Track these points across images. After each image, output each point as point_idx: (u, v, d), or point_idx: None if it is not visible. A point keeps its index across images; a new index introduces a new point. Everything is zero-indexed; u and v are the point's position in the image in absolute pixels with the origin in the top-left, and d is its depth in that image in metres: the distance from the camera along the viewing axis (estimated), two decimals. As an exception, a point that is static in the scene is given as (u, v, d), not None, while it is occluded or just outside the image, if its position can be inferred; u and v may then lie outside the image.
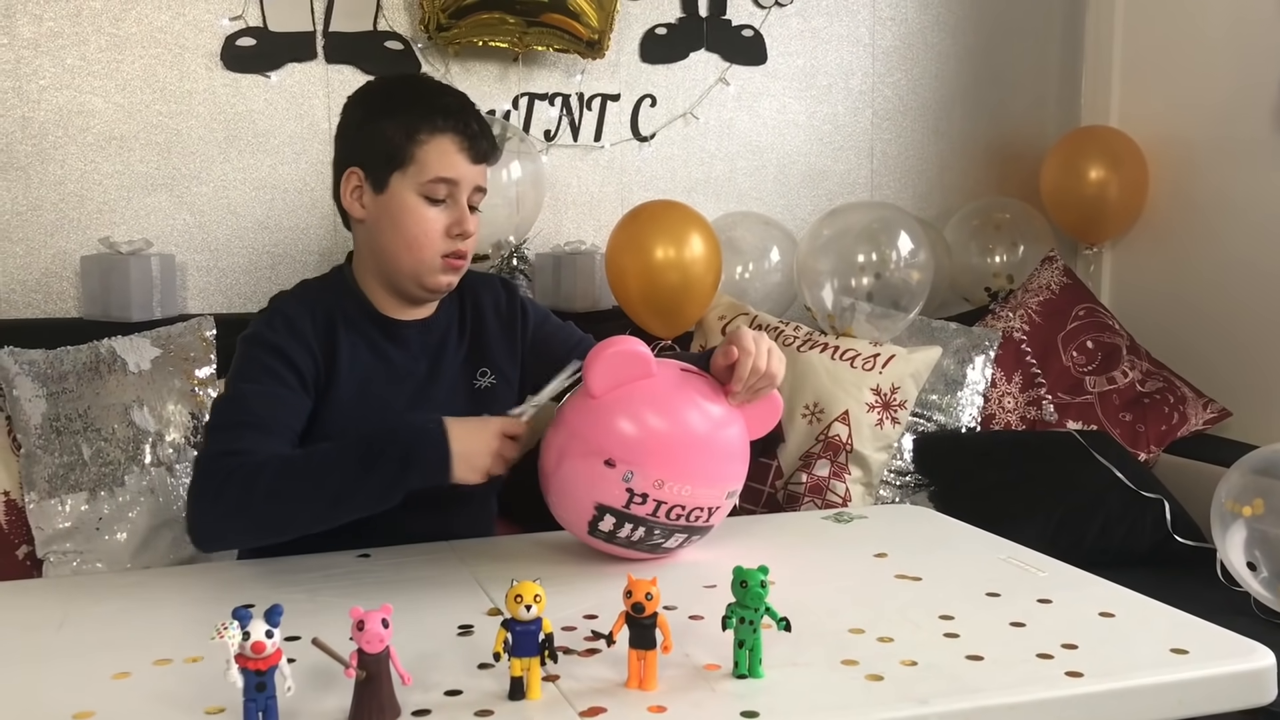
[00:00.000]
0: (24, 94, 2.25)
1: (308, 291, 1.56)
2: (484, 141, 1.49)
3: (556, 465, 1.30)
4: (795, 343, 2.35)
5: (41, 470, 1.87)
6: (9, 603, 1.28)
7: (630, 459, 1.24)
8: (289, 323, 1.47)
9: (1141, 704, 1.02)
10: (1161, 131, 2.86)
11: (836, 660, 1.04)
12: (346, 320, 1.51)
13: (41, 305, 2.29)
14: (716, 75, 2.79)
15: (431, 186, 1.46)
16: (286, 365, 1.43)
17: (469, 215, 1.48)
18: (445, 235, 1.47)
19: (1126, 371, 2.62)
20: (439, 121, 1.46)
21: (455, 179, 1.46)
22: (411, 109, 1.47)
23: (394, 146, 1.46)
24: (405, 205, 1.47)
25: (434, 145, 1.46)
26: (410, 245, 1.47)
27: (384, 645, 0.90)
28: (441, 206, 1.47)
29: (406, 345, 1.54)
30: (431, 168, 1.46)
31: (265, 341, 1.44)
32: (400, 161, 1.46)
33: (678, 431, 1.28)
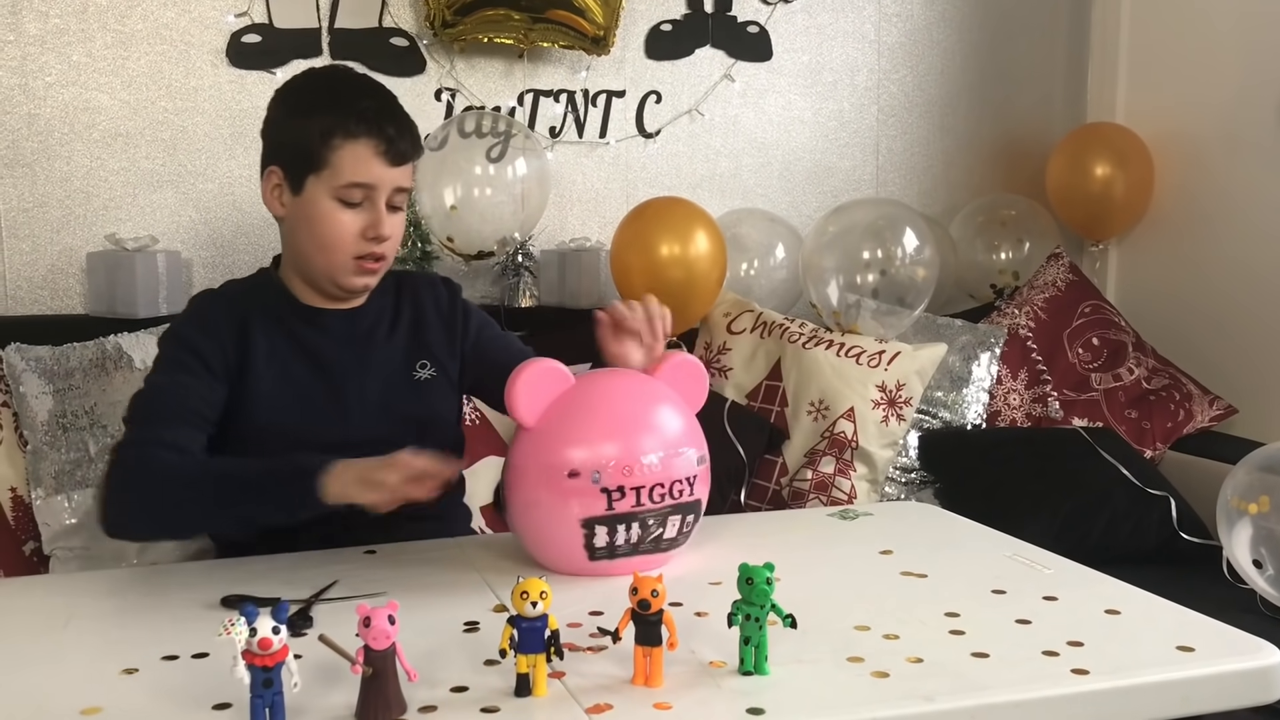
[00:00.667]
0: (30, 91, 2.26)
1: (227, 288, 1.58)
2: (402, 143, 1.46)
3: (527, 508, 1.29)
4: (801, 339, 2.35)
5: (48, 466, 1.88)
6: (16, 599, 1.28)
7: (590, 460, 1.24)
8: (200, 316, 1.51)
9: (1147, 701, 1.02)
10: (1167, 128, 2.86)
11: (842, 657, 1.04)
12: (265, 312, 1.52)
13: (48, 302, 2.29)
14: (722, 71, 2.78)
15: (346, 191, 1.45)
16: (195, 356, 1.45)
17: (385, 218, 1.47)
18: (360, 238, 1.47)
19: (1132, 368, 2.62)
20: (353, 127, 1.43)
21: (370, 184, 1.45)
22: (328, 112, 1.45)
23: (310, 150, 1.45)
24: (319, 208, 1.46)
25: (349, 150, 1.43)
26: (323, 247, 1.47)
27: (390, 642, 0.91)
28: (357, 209, 1.46)
29: (329, 333, 1.54)
30: (345, 173, 1.44)
31: (177, 336, 1.49)
32: (315, 165, 1.45)
33: (616, 412, 1.29)
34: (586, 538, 1.25)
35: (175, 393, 1.43)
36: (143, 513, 1.37)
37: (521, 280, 2.53)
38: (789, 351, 2.34)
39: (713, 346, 2.43)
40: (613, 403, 1.30)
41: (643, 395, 1.33)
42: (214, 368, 1.46)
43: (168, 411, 1.42)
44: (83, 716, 0.93)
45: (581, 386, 1.31)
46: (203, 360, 1.45)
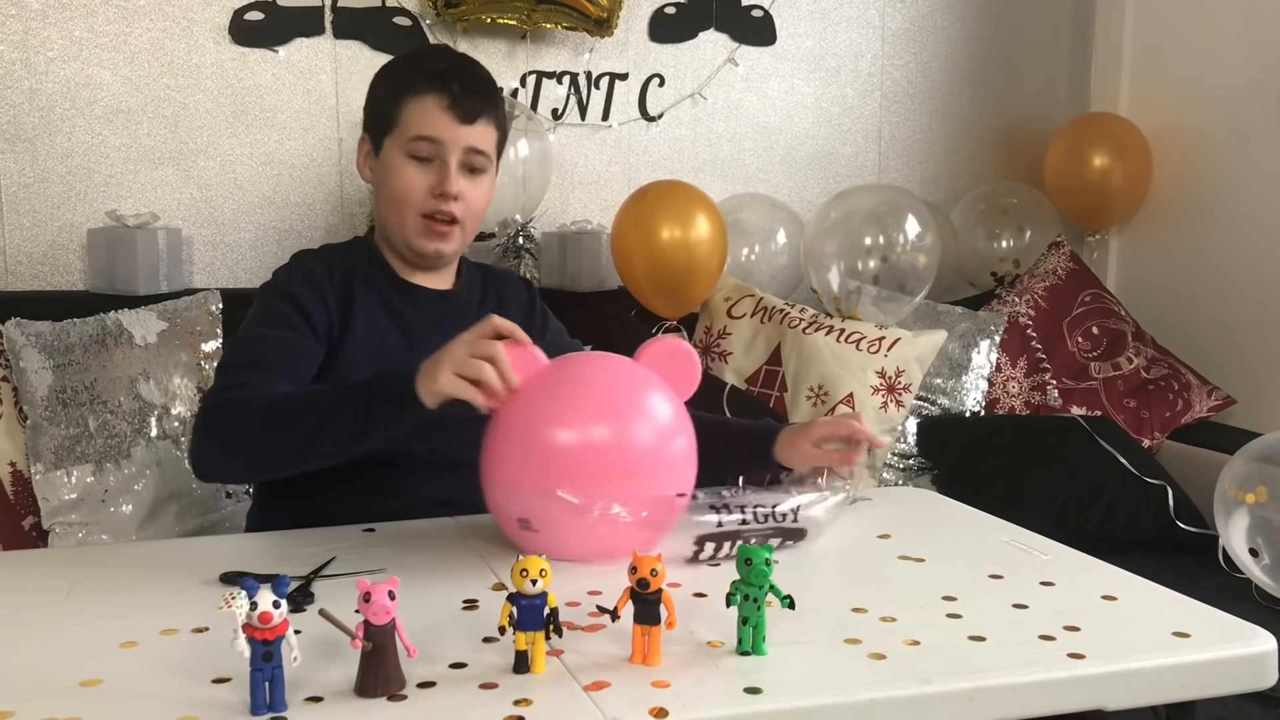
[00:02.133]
0: (31, 66, 2.25)
1: (329, 249, 1.61)
2: (468, 100, 1.49)
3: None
4: (801, 325, 2.35)
5: (48, 442, 1.88)
6: (16, 573, 1.28)
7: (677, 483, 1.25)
8: (306, 274, 1.52)
9: (1143, 686, 1.02)
10: (1170, 118, 2.85)
11: (839, 639, 1.04)
12: (365, 279, 1.55)
13: (48, 277, 2.29)
14: (725, 55, 2.78)
15: (414, 145, 1.49)
16: (299, 313, 1.46)
17: (453, 175, 1.49)
18: (427, 194, 1.50)
19: (1131, 358, 2.62)
20: (420, 83, 1.49)
21: (436, 137, 1.48)
22: (400, 73, 1.52)
23: (385, 112, 1.51)
24: (392, 164, 1.51)
25: (415, 105, 1.49)
26: (394, 202, 1.52)
27: (390, 617, 0.91)
28: (426, 166, 1.50)
29: (424, 310, 1.57)
30: (412, 126, 1.49)
31: (281, 290, 1.49)
32: (389, 124, 1.51)
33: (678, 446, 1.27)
34: (695, 553, 1.24)
35: (275, 345, 1.43)
36: (229, 447, 1.34)
37: (522, 262, 2.52)
38: (789, 337, 2.34)
39: (713, 331, 2.43)
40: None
41: (633, 386, 1.29)
42: (316, 327, 1.47)
43: (263, 361, 1.40)
44: (83, 688, 0.93)
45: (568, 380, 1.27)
46: (307, 318, 1.46)
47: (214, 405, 1.35)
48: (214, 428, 1.34)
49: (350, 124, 2.47)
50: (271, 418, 1.31)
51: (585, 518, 1.17)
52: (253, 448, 1.33)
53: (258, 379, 1.37)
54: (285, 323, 1.45)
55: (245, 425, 1.32)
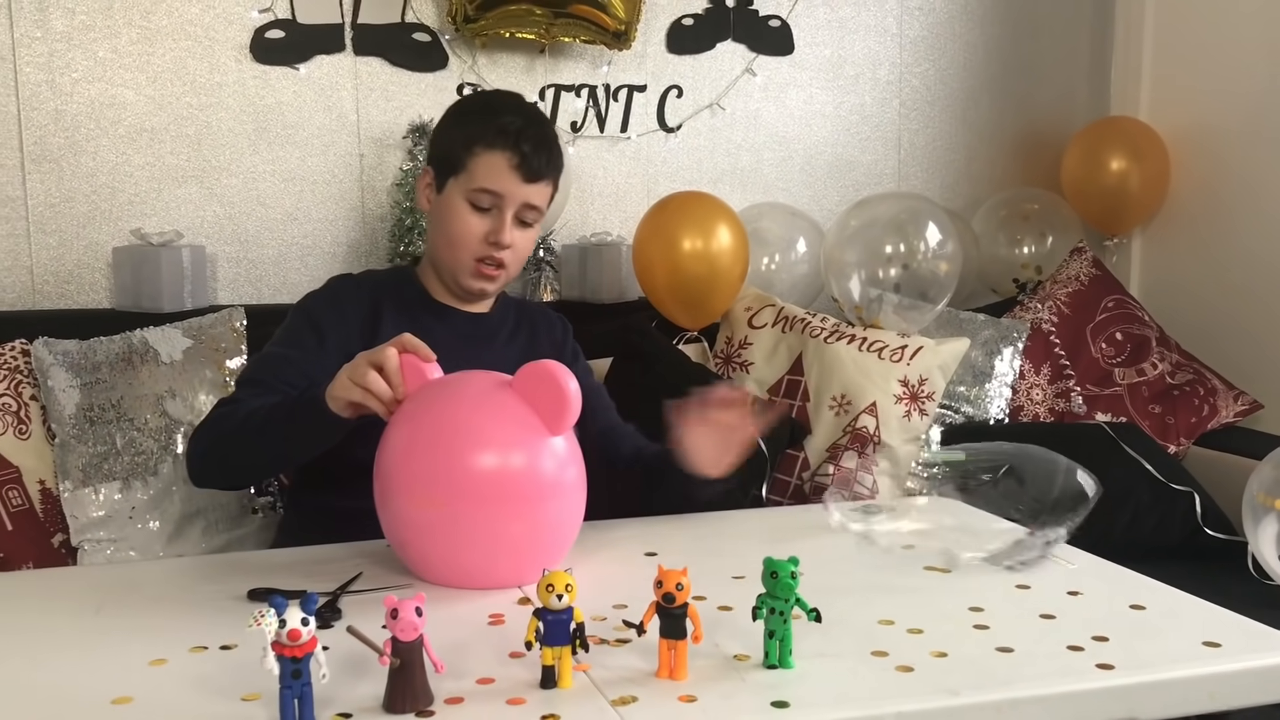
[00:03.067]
0: (57, 87, 2.27)
1: (368, 275, 1.71)
2: (536, 161, 1.57)
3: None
4: (822, 334, 2.34)
5: (75, 459, 1.89)
6: (47, 590, 1.29)
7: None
8: (334, 295, 1.63)
9: (1173, 697, 1.01)
10: (1190, 120, 2.84)
11: (866, 651, 1.04)
12: (397, 302, 1.63)
13: (74, 296, 2.31)
14: (743, 66, 2.78)
15: (476, 195, 1.57)
16: (314, 331, 1.56)
17: (508, 228, 1.58)
18: (483, 241, 1.58)
19: (1156, 363, 2.60)
20: (493, 138, 1.56)
21: (499, 192, 1.57)
22: (475, 122, 1.59)
23: (454, 155, 1.59)
24: (452, 207, 1.59)
25: (485, 159, 1.56)
26: (450, 243, 1.60)
27: (418, 633, 0.91)
28: (484, 214, 1.58)
29: (453, 328, 1.63)
30: (478, 178, 1.57)
31: (303, 310, 1.61)
32: (456, 168, 1.59)
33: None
34: None
35: (283, 363, 1.52)
36: (208, 459, 1.47)
37: (543, 274, 2.53)
38: (811, 346, 2.34)
39: (734, 341, 2.43)
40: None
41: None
42: (329, 344, 1.54)
43: (269, 379, 1.50)
44: (114, 706, 0.94)
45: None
46: (320, 335, 1.55)
47: (204, 423, 1.49)
48: (200, 442, 1.48)
49: (371, 140, 2.48)
50: (242, 431, 1.42)
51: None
52: (227, 459, 1.46)
53: (253, 397, 1.47)
54: (296, 341, 1.56)
55: (223, 440, 1.44)
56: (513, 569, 1.23)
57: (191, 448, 1.49)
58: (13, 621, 1.16)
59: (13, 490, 1.87)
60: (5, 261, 2.27)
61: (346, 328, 1.57)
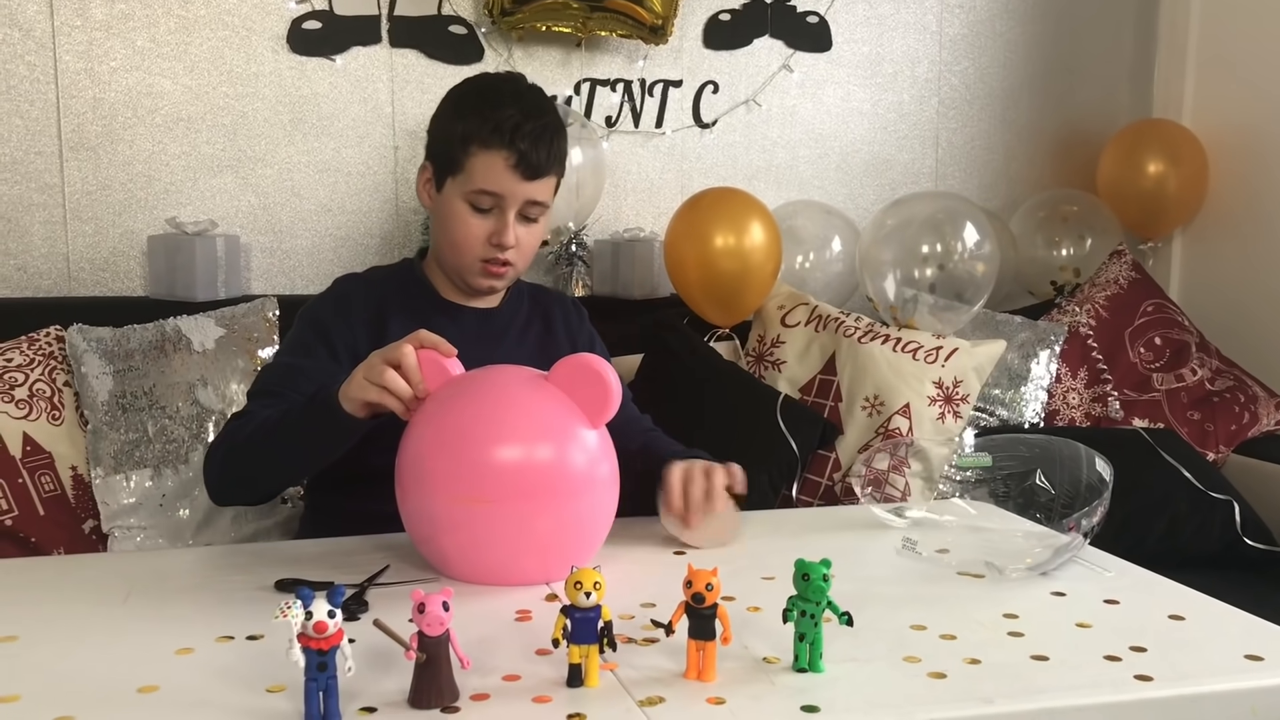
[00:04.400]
0: (95, 75, 2.29)
1: (371, 274, 1.66)
2: (535, 157, 1.50)
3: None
4: (856, 334, 2.32)
5: (107, 446, 1.90)
6: (76, 576, 1.29)
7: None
8: (340, 300, 1.58)
9: (1214, 711, 0.99)
10: (1231, 125, 2.79)
11: (898, 656, 1.02)
12: (404, 303, 1.58)
13: (109, 284, 2.33)
14: (780, 62, 2.76)
15: (475, 196, 1.52)
16: (321, 339, 1.52)
17: (510, 227, 1.52)
18: (485, 243, 1.53)
19: (1195, 369, 2.56)
20: (489, 137, 1.49)
21: (498, 193, 1.51)
22: (471, 116, 1.51)
23: (451, 153, 1.53)
24: (452, 208, 1.54)
25: (482, 159, 1.50)
26: (453, 246, 1.55)
27: (444, 628, 0.90)
28: (486, 215, 1.53)
29: (463, 327, 1.57)
30: (476, 179, 1.51)
31: (310, 316, 1.57)
32: (454, 167, 1.53)
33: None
34: None
35: (292, 374, 1.49)
36: (225, 474, 1.44)
37: (575, 270, 2.52)
38: (844, 346, 2.31)
39: (766, 339, 2.41)
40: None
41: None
42: (338, 351, 1.51)
43: (279, 390, 1.47)
44: (140, 695, 0.93)
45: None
46: (328, 343, 1.52)
47: (217, 439, 1.47)
48: (214, 458, 1.46)
49: (406, 132, 2.48)
50: (255, 441, 1.40)
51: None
52: (243, 471, 1.43)
53: (260, 407, 1.44)
54: (304, 349, 1.53)
55: (237, 453, 1.42)
56: (540, 566, 1.22)
57: (207, 465, 1.47)
58: (42, 608, 1.16)
59: (45, 476, 1.88)
60: (42, 248, 2.29)
61: (353, 332, 1.53)
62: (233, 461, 1.42)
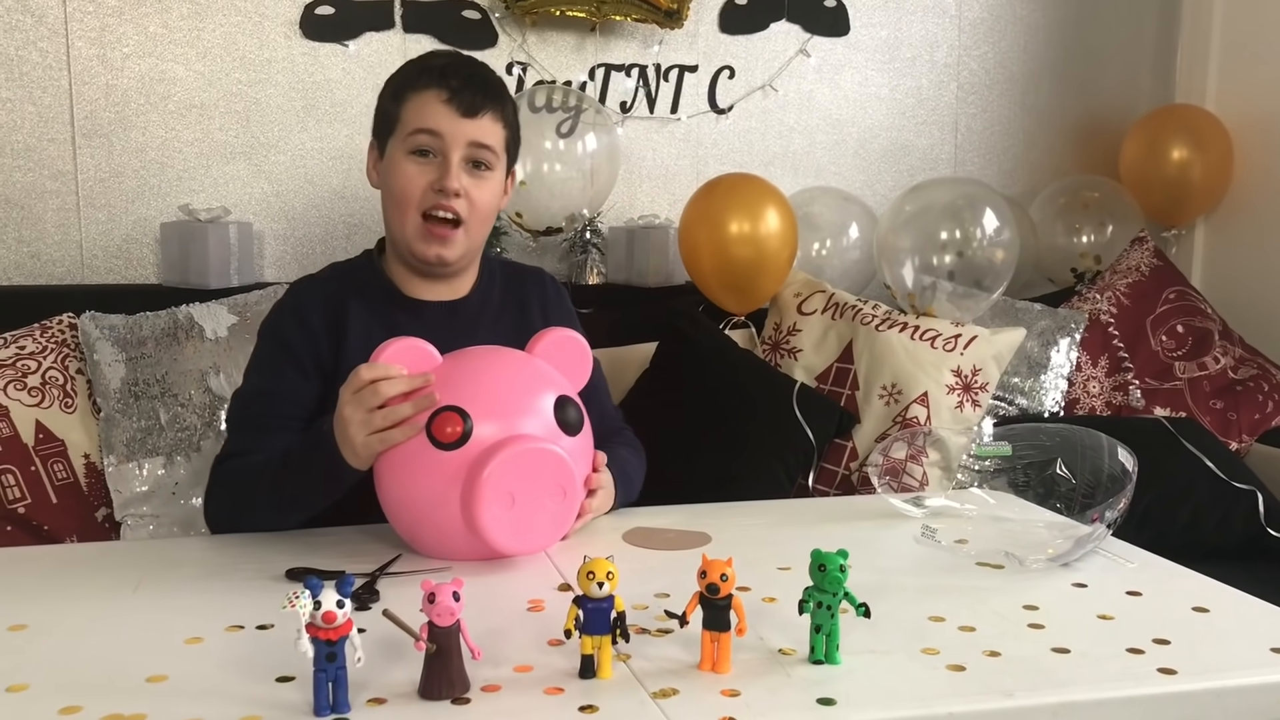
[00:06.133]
0: (108, 61, 2.28)
1: (328, 275, 1.57)
2: (469, 93, 1.44)
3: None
4: (874, 322, 2.30)
5: (120, 434, 1.90)
6: (88, 565, 1.29)
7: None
8: (296, 311, 1.50)
9: (1239, 705, 0.97)
10: (1257, 112, 2.75)
11: (916, 649, 1.01)
12: (365, 302, 1.51)
13: (122, 271, 2.32)
14: (797, 46, 2.73)
15: (414, 139, 1.45)
16: (286, 353, 1.47)
17: (455, 170, 1.44)
18: (428, 190, 1.44)
19: (1218, 357, 2.53)
20: (418, 79, 1.46)
21: (436, 129, 1.43)
22: (402, 74, 1.49)
23: (388, 111, 1.48)
24: (394, 163, 1.47)
25: (414, 101, 1.45)
26: (396, 203, 1.47)
27: (455, 619, 0.89)
28: (427, 162, 1.45)
29: (430, 326, 1.46)
30: (412, 121, 1.45)
31: (270, 330, 1.51)
32: (392, 124, 1.47)
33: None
34: None
35: (267, 398, 1.46)
36: (229, 520, 1.42)
37: (589, 257, 2.51)
38: (861, 333, 2.29)
39: (782, 327, 2.39)
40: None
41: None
42: (305, 365, 1.46)
43: (260, 419, 1.44)
44: (149, 684, 0.92)
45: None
46: (293, 358, 1.47)
47: (215, 477, 1.44)
48: (216, 501, 1.45)
49: (419, 118, 2.47)
50: (248, 493, 1.39)
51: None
52: (247, 519, 1.41)
53: (254, 439, 1.43)
54: (272, 369, 1.47)
55: (238, 500, 1.40)
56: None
57: (213, 507, 1.45)
58: (54, 596, 1.16)
59: (58, 464, 1.88)
60: (55, 236, 2.28)
61: (315, 343, 1.47)
62: (242, 513, 1.41)
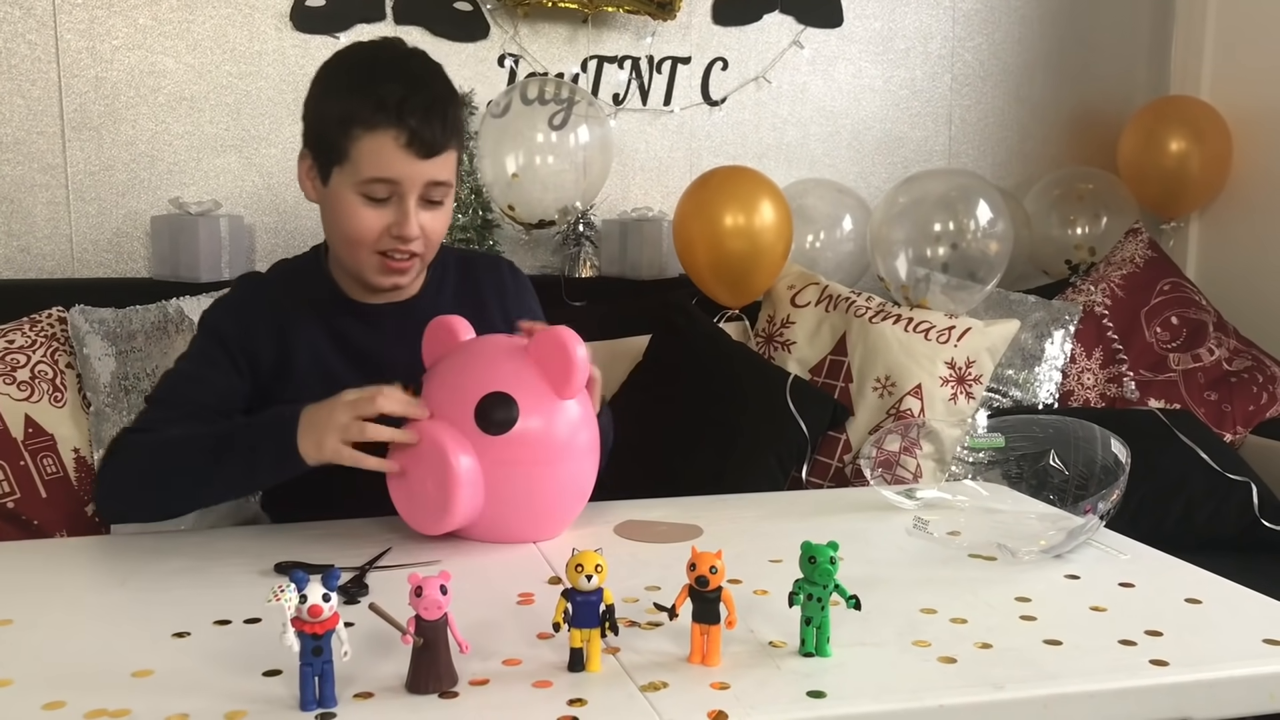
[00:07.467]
0: (97, 54, 2.26)
1: (274, 274, 1.52)
2: (428, 133, 1.32)
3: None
4: (868, 314, 2.29)
5: (110, 428, 1.89)
6: (76, 559, 1.29)
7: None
8: (239, 308, 1.46)
9: (1231, 696, 0.96)
10: (1255, 101, 2.75)
11: (907, 641, 1.00)
12: (312, 305, 1.45)
13: (113, 265, 2.31)
14: (790, 38, 2.72)
15: (368, 186, 1.34)
16: (222, 349, 1.42)
17: (411, 216, 1.35)
18: (384, 235, 1.36)
19: (1213, 349, 2.53)
20: (371, 116, 1.31)
21: (393, 178, 1.33)
22: (350, 96, 1.33)
23: (332, 139, 1.35)
24: (343, 202, 1.36)
25: (369, 142, 1.32)
26: (349, 242, 1.38)
27: (442, 612, 0.88)
28: (382, 205, 1.35)
29: (380, 330, 1.45)
30: (365, 167, 1.33)
31: (209, 324, 1.45)
32: (338, 156, 1.35)
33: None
34: None
35: (195, 384, 1.41)
36: (122, 492, 1.35)
37: (582, 250, 2.50)
38: (855, 326, 2.29)
39: (776, 320, 2.38)
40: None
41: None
42: (240, 362, 1.42)
43: (182, 400, 1.39)
44: (134, 679, 0.92)
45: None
46: (229, 353, 1.41)
47: (118, 446, 1.35)
48: (110, 471, 1.35)
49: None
50: (163, 461, 1.31)
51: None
52: (145, 492, 1.33)
53: (162, 419, 1.36)
54: (206, 359, 1.42)
55: (138, 469, 1.32)
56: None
57: (104, 484, 1.36)
58: (41, 591, 1.15)
59: (47, 458, 1.87)
60: (45, 229, 2.27)
61: (254, 342, 1.42)
62: (139, 484, 1.33)
